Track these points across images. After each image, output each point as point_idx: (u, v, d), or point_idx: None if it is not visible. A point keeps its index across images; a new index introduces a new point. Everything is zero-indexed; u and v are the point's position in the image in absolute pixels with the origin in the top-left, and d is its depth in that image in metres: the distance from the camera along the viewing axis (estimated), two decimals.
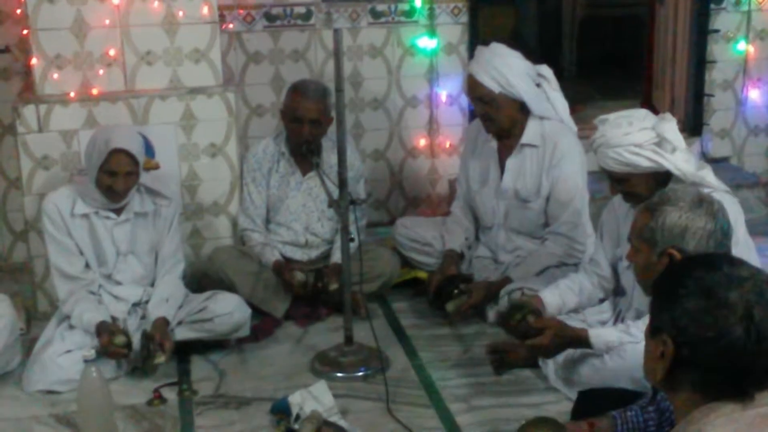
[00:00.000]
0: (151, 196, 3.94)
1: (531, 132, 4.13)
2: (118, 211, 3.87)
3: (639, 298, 3.44)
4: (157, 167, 4.16)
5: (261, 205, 4.40)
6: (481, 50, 4.14)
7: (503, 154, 4.21)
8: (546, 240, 4.17)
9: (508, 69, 4.04)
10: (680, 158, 3.30)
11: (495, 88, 4.03)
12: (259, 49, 5.00)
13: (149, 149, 4.15)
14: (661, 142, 3.29)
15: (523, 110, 4.11)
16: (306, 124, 4.24)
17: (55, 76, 4.22)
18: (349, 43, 5.03)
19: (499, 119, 4.10)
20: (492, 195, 4.25)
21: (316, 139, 4.28)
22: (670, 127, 3.32)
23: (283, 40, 5.01)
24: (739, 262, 1.85)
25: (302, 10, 5.00)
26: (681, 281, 1.81)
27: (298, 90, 4.30)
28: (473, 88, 4.08)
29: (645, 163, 3.29)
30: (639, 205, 3.42)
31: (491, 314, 4.10)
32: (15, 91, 4.57)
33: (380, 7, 5.08)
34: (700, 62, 5.48)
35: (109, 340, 3.60)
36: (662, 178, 3.33)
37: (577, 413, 3.05)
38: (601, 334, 3.35)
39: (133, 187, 3.82)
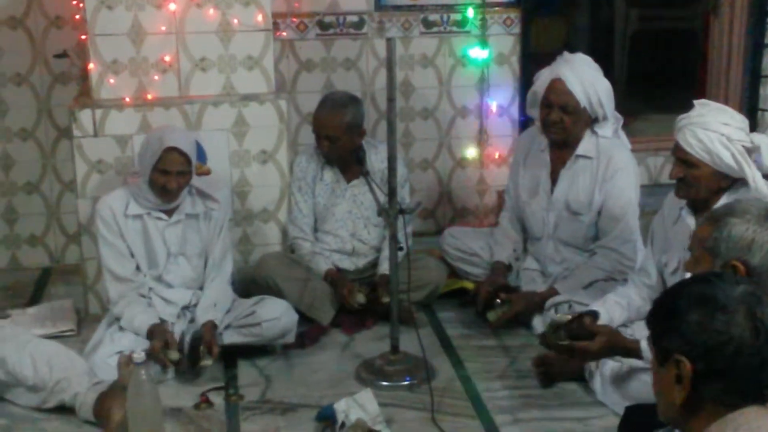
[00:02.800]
0: (202, 198, 3.98)
1: (587, 144, 4.11)
2: (169, 213, 3.92)
3: None
4: (208, 173, 4.20)
5: (309, 213, 4.42)
6: (573, 59, 4.07)
7: (555, 166, 4.19)
8: (595, 253, 4.15)
9: (602, 87, 4.02)
10: (758, 173, 3.26)
11: (583, 101, 3.99)
12: (311, 57, 5.03)
13: (201, 155, 4.20)
14: (752, 149, 3.25)
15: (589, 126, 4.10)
16: (323, 140, 4.26)
17: (111, 81, 4.29)
18: (401, 52, 5.05)
19: (572, 130, 4.06)
20: (542, 206, 4.23)
21: (337, 153, 4.30)
22: (767, 142, 3.29)
23: (335, 48, 5.04)
24: (726, 274, 1.92)
25: (355, 18, 5.02)
26: (678, 300, 1.84)
27: (320, 104, 4.34)
28: (560, 95, 4.00)
29: (727, 159, 3.23)
30: (688, 204, 3.41)
31: (538, 325, 4.09)
32: (72, 95, 4.64)
33: (432, 17, 5.09)
34: (754, 76, 5.43)
35: (161, 351, 3.65)
36: (725, 185, 3.30)
37: (624, 429, 3.03)
38: None
39: (185, 187, 3.87)
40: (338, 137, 4.25)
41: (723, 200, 3.29)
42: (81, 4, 4.28)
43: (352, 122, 4.27)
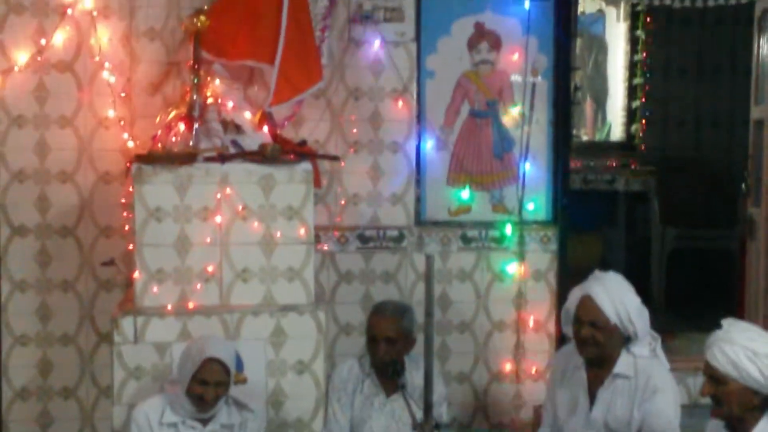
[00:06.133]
0: (237, 408, 3.98)
1: (624, 363, 4.08)
2: (205, 422, 3.90)
3: None
4: (244, 381, 4.21)
5: (345, 425, 4.38)
6: (603, 276, 4.11)
7: (593, 384, 4.15)
8: None
9: (632, 305, 4.04)
10: None
11: (613, 318, 4.00)
12: (350, 268, 5.13)
13: (239, 363, 4.21)
14: None
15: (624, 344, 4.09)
16: (381, 343, 4.28)
17: (155, 289, 4.37)
18: (439, 266, 5.12)
19: (604, 347, 4.05)
20: (581, 424, 4.15)
21: (393, 359, 4.29)
22: None
23: (374, 261, 5.14)
24: None
25: (395, 233, 5.14)
26: None
27: (376, 309, 4.40)
28: (589, 312, 4.02)
29: (754, 374, 3.22)
30: (726, 426, 3.34)
31: None
32: (115, 302, 4.73)
33: (471, 233, 5.20)
34: None
35: None
36: (759, 402, 3.25)
37: None
38: None
39: (222, 398, 3.87)
40: (397, 340, 4.28)
41: (763, 422, 3.25)
42: (131, 215, 4.43)
43: (409, 328, 4.32)
